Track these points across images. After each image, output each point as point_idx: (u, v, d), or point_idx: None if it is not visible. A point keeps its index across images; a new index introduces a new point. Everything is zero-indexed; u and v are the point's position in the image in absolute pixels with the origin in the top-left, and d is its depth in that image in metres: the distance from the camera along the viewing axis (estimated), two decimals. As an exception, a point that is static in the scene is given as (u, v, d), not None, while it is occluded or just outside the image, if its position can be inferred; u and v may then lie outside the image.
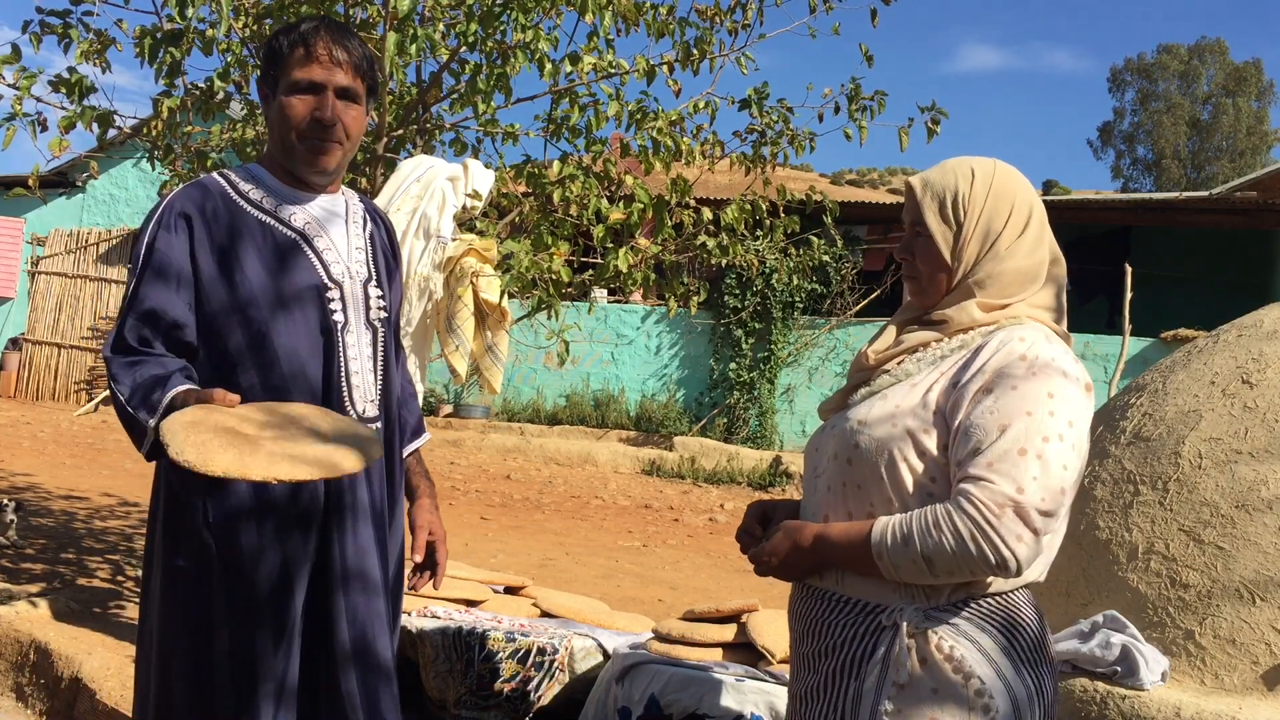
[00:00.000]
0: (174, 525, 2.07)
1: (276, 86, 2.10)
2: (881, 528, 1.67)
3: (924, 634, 1.67)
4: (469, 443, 12.71)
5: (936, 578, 1.65)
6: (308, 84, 2.07)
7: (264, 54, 2.15)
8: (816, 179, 39.06)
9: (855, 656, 1.72)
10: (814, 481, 1.85)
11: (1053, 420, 1.62)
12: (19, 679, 3.84)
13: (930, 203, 1.79)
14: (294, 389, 2.06)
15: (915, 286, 1.84)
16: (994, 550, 1.58)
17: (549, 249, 3.81)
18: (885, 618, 1.69)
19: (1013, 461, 1.59)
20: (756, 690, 3.02)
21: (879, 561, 1.66)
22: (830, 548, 1.74)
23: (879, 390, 1.78)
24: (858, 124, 4.57)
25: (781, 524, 1.82)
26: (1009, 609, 1.71)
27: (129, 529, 6.54)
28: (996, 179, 1.79)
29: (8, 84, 3.86)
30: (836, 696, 1.73)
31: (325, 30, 2.09)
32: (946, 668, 1.65)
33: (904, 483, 1.69)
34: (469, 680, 3.39)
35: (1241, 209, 13.75)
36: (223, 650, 2.02)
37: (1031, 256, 1.78)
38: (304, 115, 2.08)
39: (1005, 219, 1.77)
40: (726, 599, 3.67)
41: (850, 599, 1.74)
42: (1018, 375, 1.65)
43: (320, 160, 2.12)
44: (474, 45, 4.00)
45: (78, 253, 15.84)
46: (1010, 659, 1.67)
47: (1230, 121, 46.51)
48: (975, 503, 1.59)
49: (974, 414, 1.65)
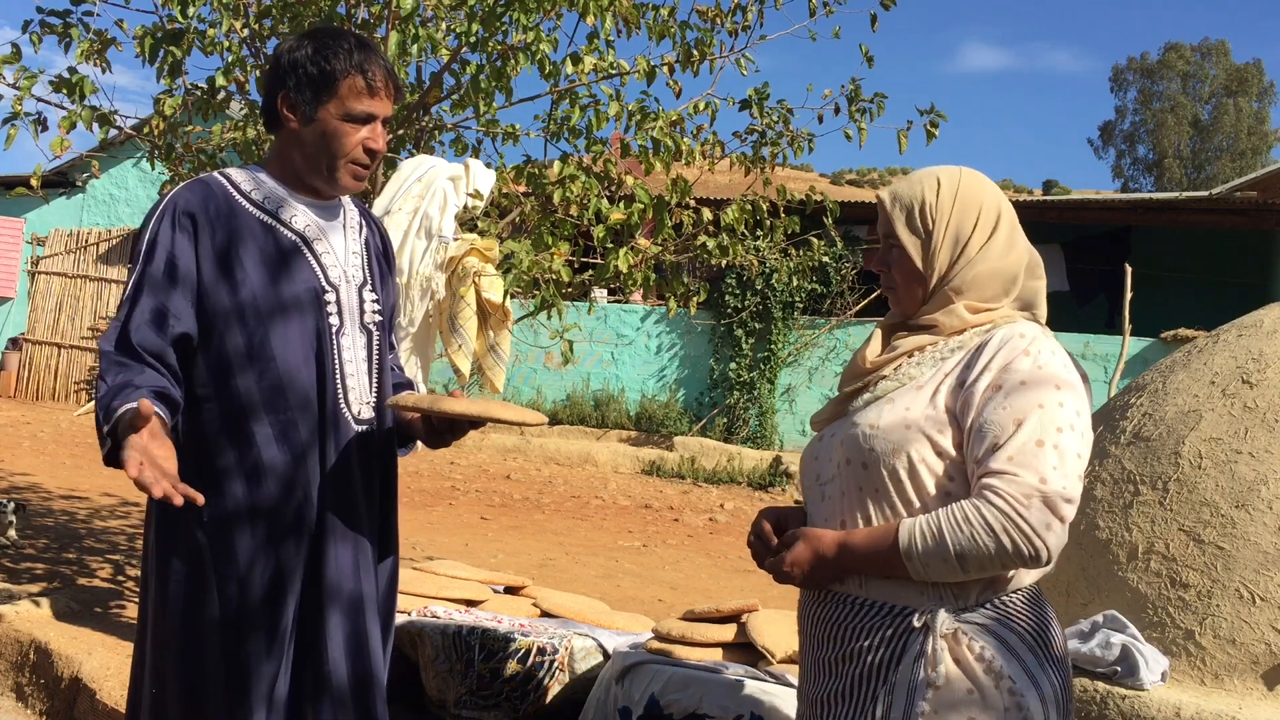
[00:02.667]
0: (169, 526, 2.07)
1: (319, 106, 2.09)
2: (909, 530, 1.68)
3: (954, 634, 1.69)
4: (469, 442, 12.70)
5: (968, 574, 1.67)
6: (366, 115, 2.09)
7: (303, 72, 2.09)
8: (816, 179, 39.07)
9: (883, 660, 1.72)
10: (819, 489, 1.85)
11: (1063, 411, 1.67)
12: (19, 679, 3.84)
13: (899, 214, 1.84)
14: (289, 391, 2.06)
15: (894, 296, 1.89)
16: (1026, 542, 1.62)
17: (549, 249, 3.81)
18: (916, 619, 1.70)
19: (1032, 453, 1.64)
20: (756, 690, 3.02)
21: (908, 563, 1.68)
22: (854, 553, 1.74)
23: (884, 395, 1.79)
24: (858, 125, 4.57)
25: (801, 533, 1.81)
26: (1027, 607, 1.73)
27: (129, 529, 6.54)
28: (962, 185, 1.83)
29: (8, 84, 3.86)
30: (864, 700, 1.73)
31: (377, 59, 2.11)
32: (978, 668, 1.67)
33: (925, 484, 1.72)
34: (469, 680, 3.39)
35: (1242, 209, 13.75)
36: (214, 652, 2.02)
37: (1005, 259, 1.81)
38: (357, 145, 2.10)
39: (973, 223, 1.81)
40: (726, 599, 3.67)
41: (875, 602, 1.75)
42: (1025, 370, 1.69)
43: (359, 185, 2.16)
44: (475, 46, 4.00)
45: (78, 253, 15.83)
46: (1036, 657, 1.70)
47: (1231, 122, 46.52)
48: (1003, 496, 1.62)
49: (987, 411, 1.68)
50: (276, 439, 2.05)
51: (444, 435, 2.18)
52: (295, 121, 2.11)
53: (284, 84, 2.11)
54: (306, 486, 2.07)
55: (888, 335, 1.89)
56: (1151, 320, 12.64)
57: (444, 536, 7.53)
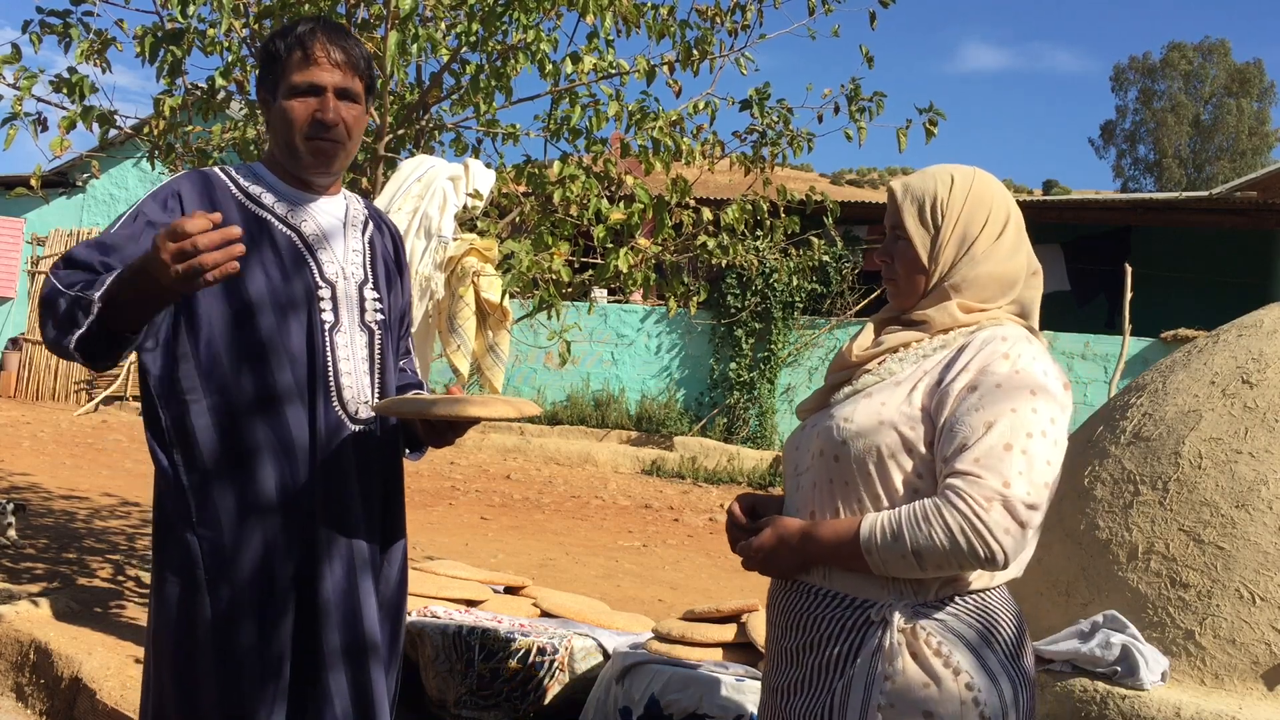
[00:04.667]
0: (163, 529, 2.07)
1: (276, 90, 2.10)
2: (870, 524, 1.69)
3: (912, 629, 1.69)
4: (469, 442, 12.70)
5: (925, 572, 1.67)
6: (308, 86, 2.07)
7: (261, 58, 2.14)
8: (816, 179, 39.09)
9: (842, 651, 1.73)
10: (796, 479, 1.87)
11: (1035, 417, 1.66)
12: (19, 679, 3.84)
13: (910, 206, 1.84)
14: (282, 386, 2.05)
15: (894, 288, 1.89)
16: (983, 544, 1.61)
17: (549, 249, 3.81)
18: (874, 613, 1.71)
19: (998, 457, 1.63)
20: (756, 690, 3.02)
21: (868, 557, 1.68)
22: (818, 544, 1.75)
23: (863, 389, 1.80)
24: (857, 124, 4.57)
25: (770, 520, 1.83)
26: (990, 608, 1.74)
27: (129, 529, 6.54)
28: (975, 185, 1.83)
29: (8, 84, 3.87)
30: (822, 690, 1.74)
31: (321, 31, 2.09)
32: (936, 663, 1.67)
33: (893, 480, 1.72)
34: (469, 680, 3.39)
35: (1242, 209, 13.75)
36: (207, 655, 2.01)
37: (1008, 262, 1.82)
38: (306, 117, 2.08)
39: (982, 223, 1.81)
40: (726, 599, 3.67)
41: (837, 594, 1.76)
42: (1001, 373, 1.69)
43: (324, 160, 2.12)
44: (475, 45, 4.01)
45: (78, 252, 15.82)
46: (994, 654, 1.70)
47: (1232, 122, 46.53)
48: (964, 497, 1.62)
49: (959, 411, 1.68)
50: (266, 437, 2.04)
51: (445, 434, 2.17)
52: (267, 111, 2.14)
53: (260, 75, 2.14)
54: (297, 486, 2.05)
55: (879, 330, 1.90)
56: (1151, 320, 12.63)
57: (444, 536, 7.53)
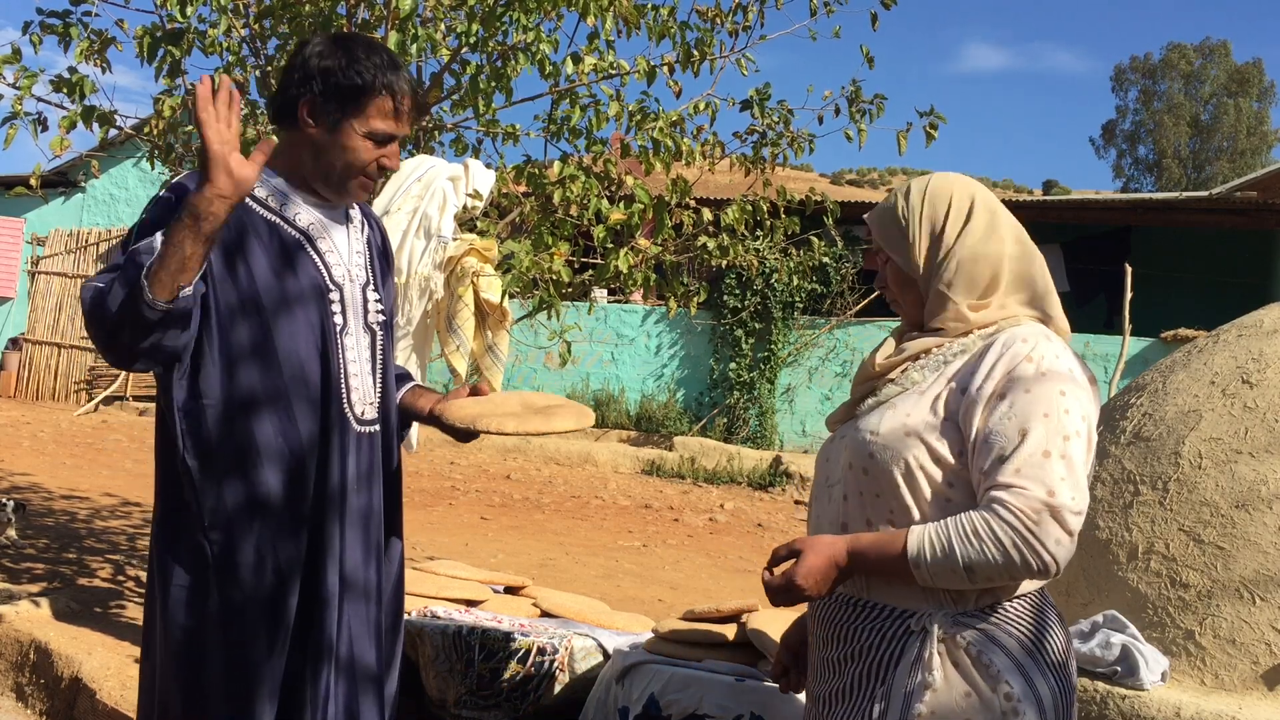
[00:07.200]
0: (171, 530, 2.07)
1: (343, 119, 2.07)
2: (918, 539, 1.67)
3: (953, 638, 1.69)
4: (469, 442, 12.68)
5: (976, 584, 1.67)
6: (387, 137, 2.10)
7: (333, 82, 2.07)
8: (817, 179, 39.10)
9: (882, 661, 1.73)
10: (828, 490, 1.87)
11: (1068, 418, 1.66)
12: (19, 679, 3.84)
13: (876, 225, 1.89)
14: (294, 389, 2.05)
15: (899, 310, 1.91)
16: (1036, 556, 1.62)
17: (549, 249, 3.81)
18: (914, 623, 1.71)
19: (1038, 465, 1.63)
20: (756, 690, 3.02)
21: (915, 570, 1.67)
22: (864, 559, 1.73)
23: (887, 400, 1.80)
24: (858, 126, 4.57)
25: (804, 544, 1.75)
26: (1031, 614, 1.74)
27: (130, 529, 6.54)
28: (931, 183, 1.86)
29: (8, 84, 3.86)
30: (863, 700, 1.74)
31: (406, 81, 2.12)
32: (976, 673, 1.68)
33: (922, 490, 1.72)
34: (469, 680, 3.39)
35: (1241, 209, 13.74)
36: (216, 657, 2.02)
37: (985, 244, 1.81)
38: (371, 160, 2.11)
39: (945, 212, 1.82)
40: (726, 599, 3.67)
41: (877, 604, 1.76)
42: (1028, 378, 1.69)
43: (364, 195, 2.18)
44: (475, 46, 4.00)
45: (78, 253, 15.82)
46: (1036, 663, 1.70)
47: (1231, 122, 46.51)
48: (1013, 510, 1.62)
49: (992, 421, 1.68)
50: (278, 439, 2.04)
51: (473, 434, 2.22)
52: (315, 129, 2.09)
53: (309, 89, 2.07)
54: (307, 488, 2.06)
55: (900, 340, 1.90)
56: (1151, 320, 12.63)
57: (444, 536, 7.53)
